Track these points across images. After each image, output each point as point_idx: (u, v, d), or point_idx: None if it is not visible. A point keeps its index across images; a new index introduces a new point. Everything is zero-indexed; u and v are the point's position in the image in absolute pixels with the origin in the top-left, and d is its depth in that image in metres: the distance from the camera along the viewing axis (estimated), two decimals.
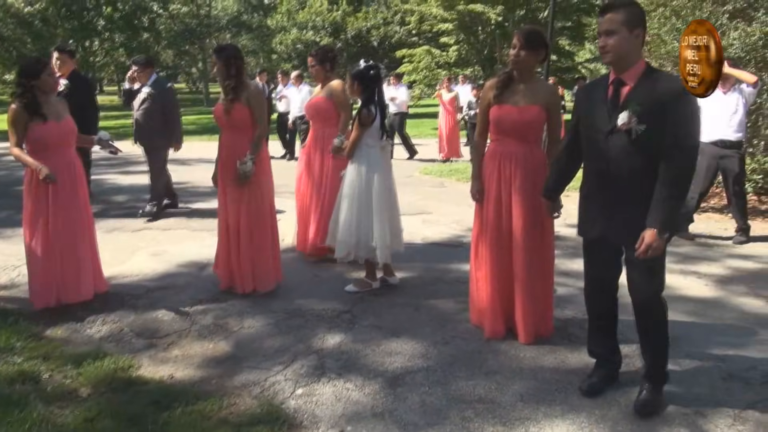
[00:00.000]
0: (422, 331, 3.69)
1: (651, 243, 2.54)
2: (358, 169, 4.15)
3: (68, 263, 3.95)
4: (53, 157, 3.86)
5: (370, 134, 4.13)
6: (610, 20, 2.57)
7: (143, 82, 6.33)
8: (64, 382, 3.08)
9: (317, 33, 27.42)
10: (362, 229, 4.12)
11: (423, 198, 7.84)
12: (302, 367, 3.26)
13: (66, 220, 3.92)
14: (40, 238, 3.89)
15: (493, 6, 18.70)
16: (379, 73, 4.19)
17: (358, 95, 4.18)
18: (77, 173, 4.03)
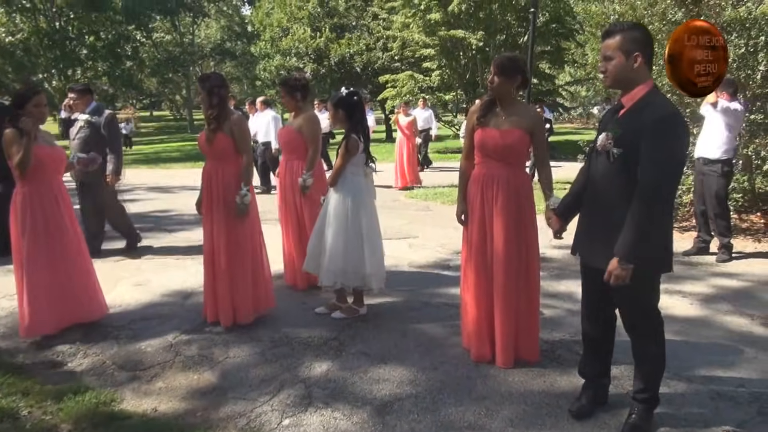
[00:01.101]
0: (410, 357, 3.66)
1: (612, 272, 2.56)
2: (343, 197, 4.13)
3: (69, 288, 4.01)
4: (46, 182, 3.94)
5: (354, 162, 4.14)
6: (606, 46, 2.64)
7: (81, 110, 5.85)
8: (44, 419, 3.00)
9: (300, 59, 27.56)
10: (350, 258, 4.10)
11: (409, 222, 7.85)
12: (289, 396, 3.21)
13: (63, 246, 3.97)
14: (36, 267, 3.86)
15: (474, 31, 18.99)
16: (361, 99, 4.22)
17: (343, 123, 4.18)
18: (68, 200, 4.09)
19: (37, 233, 3.87)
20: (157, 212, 8.75)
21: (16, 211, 3.88)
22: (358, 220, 4.11)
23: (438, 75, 20.93)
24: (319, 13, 27.76)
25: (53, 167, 3.98)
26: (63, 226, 3.97)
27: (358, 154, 4.12)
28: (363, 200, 4.15)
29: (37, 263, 3.87)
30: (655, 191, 2.51)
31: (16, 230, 3.89)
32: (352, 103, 4.14)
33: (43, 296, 3.88)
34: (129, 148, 24.90)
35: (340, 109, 4.14)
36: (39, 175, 3.89)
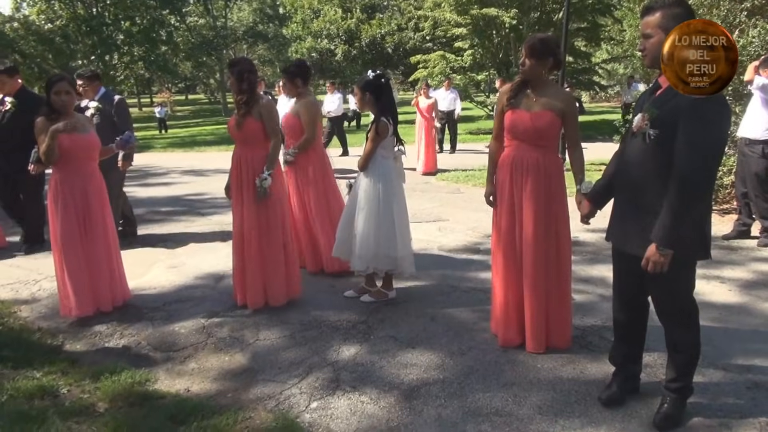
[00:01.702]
0: (438, 342, 3.66)
1: (650, 258, 2.49)
2: (374, 181, 4.11)
3: (94, 273, 4.09)
4: (77, 170, 4.01)
5: (384, 145, 4.12)
6: (646, 23, 2.54)
7: (90, 97, 5.68)
8: (82, 397, 3.10)
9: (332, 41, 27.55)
10: (382, 242, 4.09)
11: (439, 205, 7.81)
12: (317, 379, 3.24)
13: (91, 232, 4.04)
14: (71, 250, 3.98)
15: (507, 9, 18.61)
16: (388, 81, 4.18)
17: (371, 106, 4.15)
18: (100, 186, 4.15)
19: (68, 217, 3.97)
20: (191, 195, 8.90)
21: (51, 196, 4.01)
22: (389, 203, 4.10)
23: (470, 54, 20.63)
24: None
25: (84, 154, 4.04)
26: (90, 212, 4.04)
27: (388, 137, 4.09)
28: (393, 184, 4.13)
29: (69, 246, 3.98)
30: (692, 174, 2.42)
31: (51, 214, 4.02)
32: (379, 86, 4.10)
33: (75, 278, 3.99)
34: (164, 132, 25.36)
35: (367, 92, 4.12)
36: (68, 163, 3.98)
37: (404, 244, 4.15)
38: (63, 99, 3.95)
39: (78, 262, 4.00)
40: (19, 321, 4.14)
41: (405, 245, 4.16)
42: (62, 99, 3.95)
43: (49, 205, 4.03)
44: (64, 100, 3.96)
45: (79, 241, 4.00)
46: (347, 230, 4.24)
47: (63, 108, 3.97)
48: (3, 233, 6.14)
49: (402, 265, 4.19)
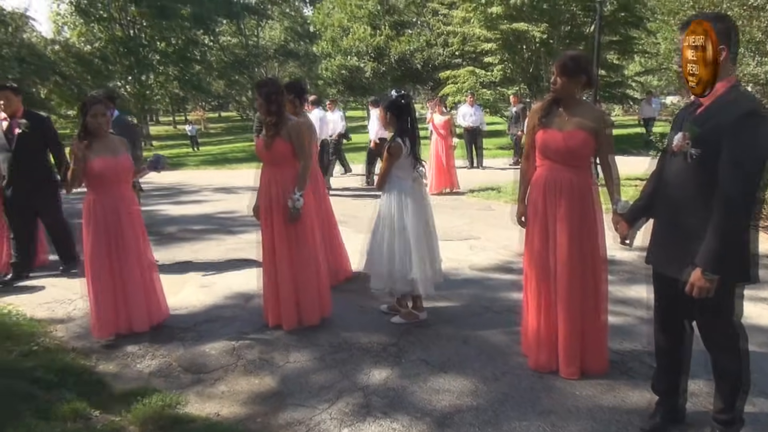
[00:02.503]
0: (471, 366, 3.56)
1: (695, 283, 2.37)
2: (389, 201, 4.11)
3: (127, 294, 4.12)
4: (109, 191, 4.07)
5: (400, 166, 4.08)
6: None
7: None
8: (113, 420, 3.10)
9: (361, 58, 27.77)
10: (396, 263, 4.05)
11: (470, 222, 7.71)
12: (348, 405, 3.18)
13: (122, 253, 4.08)
14: (99, 271, 4.04)
15: (537, 24, 18.50)
16: (410, 102, 4.16)
17: (392, 126, 4.13)
18: (132, 208, 4.20)
19: (98, 239, 4.03)
20: (223, 213, 8.99)
21: (84, 216, 4.08)
22: (403, 224, 4.06)
23: (500, 69, 20.54)
24: (379, 11, 27.84)
25: (113, 177, 4.08)
26: (121, 233, 4.08)
27: (402, 158, 4.05)
28: (409, 204, 4.08)
29: (99, 267, 4.04)
30: (738, 194, 2.31)
31: (84, 234, 4.08)
32: (399, 106, 4.07)
33: (104, 299, 4.05)
34: (197, 149, 25.84)
35: (389, 112, 4.10)
36: (99, 185, 4.06)
37: (422, 266, 4.07)
38: (99, 121, 4.03)
39: (103, 284, 4.04)
40: (54, 341, 4.18)
41: (423, 267, 4.09)
42: (98, 121, 4.03)
43: (83, 225, 4.10)
44: (99, 122, 4.04)
45: (107, 262, 4.04)
46: (371, 249, 4.26)
47: (98, 130, 4.05)
48: (46, 251, 6.28)
49: (417, 286, 4.11)
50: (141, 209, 4.48)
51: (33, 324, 4.48)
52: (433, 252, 4.22)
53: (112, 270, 4.06)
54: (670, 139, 2.66)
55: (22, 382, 3.42)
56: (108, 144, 4.10)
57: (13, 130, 5.36)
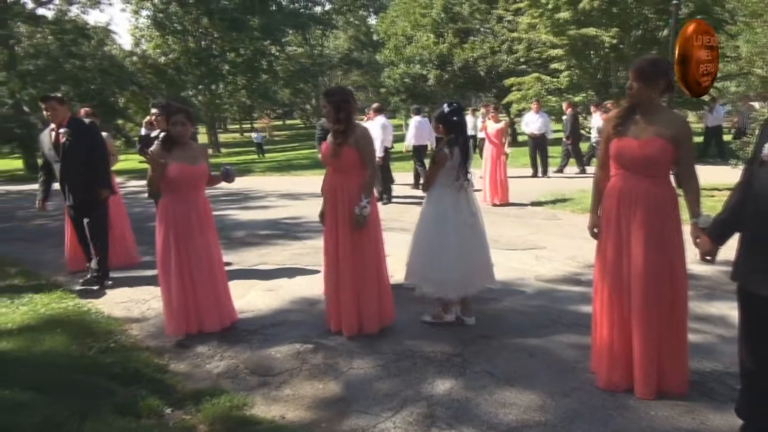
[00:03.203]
0: (539, 380, 3.46)
1: None
2: (428, 206, 4.33)
3: (197, 295, 4.27)
4: (182, 197, 4.23)
5: (445, 173, 4.22)
6: None
7: (162, 128, 5.54)
8: (184, 419, 3.20)
9: (424, 66, 27.74)
10: (427, 266, 4.22)
11: (535, 232, 7.53)
12: (411, 414, 3.15)
13: (193, 256, 4.23)
14: (170, 272, 4.22)
15: (607, 29, 17.96)
16: (462, 114, 4.34)
17: (443, 135, 4.33)
18: (204, 214, 4.34)
19: (168, 242, 4.21)
20: (288, 219, 9.17)
21: (157, 219, 4.28)
22: (438, 229, 4.21)
23: (567, 76, 20.06)
24: (443, 19, 27.73)
25: (188, 183, 4.25)
26: (192, 238, 4.23)
27: (448, 167, 4.19)
28: (446, 211, 4.22)
29: (168, 269, 4.22)
30: None
31: (157, 236, 4.28)
32: (451, 120, 4.26)
33: (174, 299, 4.22)
34: (262, 156, 26.56)
35: (440, 125, 4.30)
36: (174, 190, 4.23)
37: (455, 271, 4.18)
38: (179, 129, 4.21)
39: (173, 284, 4.21)
40: (130, 339, 4.37)
41: (457, 273, 4.18)
42: (177, 130, 4.21)
43: (156, 226, 4.29)
44: (179, 130, 4.21)
45: (177, 264, 4.20)
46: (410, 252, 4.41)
47: (178, 138, 4.22)
48: (136, 250, 6.59)
49: (447, 290, 4.23)
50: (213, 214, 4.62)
51: (110, 322, 4.70)
52: (481, 257, 4.33)
53: (181, 271, 4.22)
54: (759, 148, 2.50)
55: (102, 378, 3.59)
56: (187, 151, 4.27)
57: (60, 139, 5.43)
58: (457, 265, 4.18)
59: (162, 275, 4.27)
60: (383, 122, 10.32)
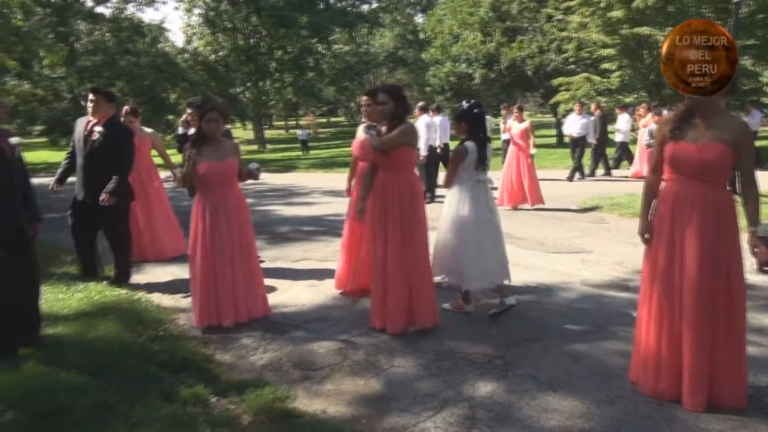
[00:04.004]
0: (583, 386, 3.39)
1: None
2: (452, 199, 4.48)
3: (223, 289, 4.38)
4: (212, 193, 4.38)
5: (465, 168, 4.41)
6: None
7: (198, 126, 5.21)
8: (229, 408, 3.27)
9: (470, 65, 27.53)
10: (451, 254, 4.39)
11: (581, 235, 7.38)
12: (452, 415, 3.14)
13: (218, 250, 4.35)
14: (199, 265, 4.39)
15: (662, 28, 17.43)
16: (482, 111, 4.54)
17: (465, 133, 4.48)
18: (237, 209, 4.45)
19: (196, 235, 4.39)
20: (331, 216, 9.24)
21: (192, 213, 4.45)
22: (461, 222, 4.37)
23: (618, 76, 19.57)
24: (491, 18, 27.46)
25: (217, 180, 4.37)
26: (221, 232, 4.35)
27: (468, 161, 4.38)
28: (468, 204, 4.40)
29: (195, 262, 4.39)
30: None
31: (191, 230, 4.46)
32: (472, 115, 4.46)
33: (201, 291, 4.38)
34: (307, 152, 26.87)
35: (462, 122, 4.46)
36: (203, 187, 4.38)
37: (477, 263, 4.35)
38: (211, 127, 4.34)
39: (201, 278, 4.36)
40: (177, 328, 4.50)
41: (474, 263, 4.35)
42: (210, 126, 4.34)
43: (191, 221, 4.47)
44: (211, 127, 4.34)
45: (201, 258, 4.36)
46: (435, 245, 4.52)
47: (210, 134, 4.35)
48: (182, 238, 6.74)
49: (470, 282, 4.43)
50: (258, 209, 4.72)
51: (160, 311, 4.85)
52: (497, 250, 4.48)
53: (206, 265, 4.35)
54: None
55: (151, 365, 3.71)
56: (217, 148, 4.38)
57: (92, 135, 5.27)
58: (478, 257, 4.35)
59: (190, 268, 4.46)
60: (428, 121, 10.26)
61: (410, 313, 4.21)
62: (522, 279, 5.41)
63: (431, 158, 10.24)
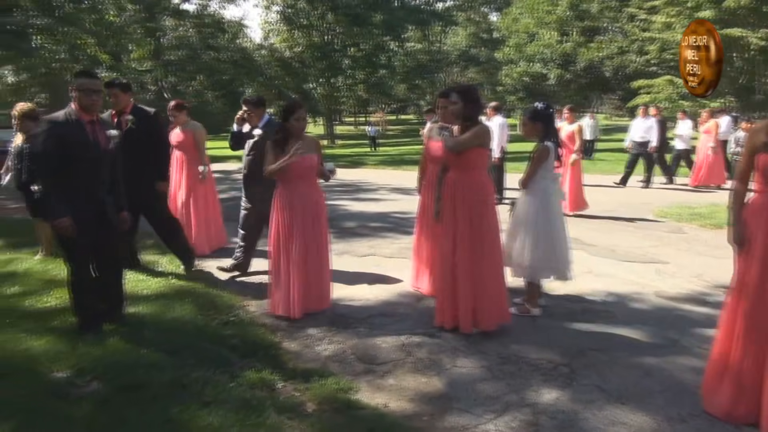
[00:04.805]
0: (653, 402, 3.27)
1: None
2: (532, 198, 4.50)
3: (296, 280, 4.50)
4: (293, 187, 4.54)
5: (545, 167, 4.49)
6: None
7: (254, 124, 5.46)
8: (294, 395, 3.37)
9: (545, 65, 26.94)
10: (538, 253, 4.43)
11: (657, 244, 7.08)
12: (514, 419, 3.11)
13: (301, 242, 4.49)
14: (274, 256, 4.57)
15: (754, 29, 16.42)
16: (553, 112, 4.71)
17: (538, 133, 4.55)
18: (314, 204, 4.59)
19: (276, 227, 4.56)
20: (398, 213, 9.30)
21: (273, 206, 4.62)
22: (546, 219, 4.45)
23: None
24: (569, 17, 26.74)
25: (298, 175, 4.52)
26: (297, 225, 4.49)
27: (549, 160, 4.48)
28: (551, 201, 4.51)
29: (275, 252, 4.57)
30: None
31: (270, 221, 4.64)
32: (548, 115, 4.60)
33: (279, 280, 4.55)
34: (375, 149, 27.09)
35: (538, 122, 4.55)
36: (284, 180, 4.56)
37: (558, 256, 4.50)
38: (301, 124, 4.52)
39: (278, 267, 4.55)
40: (248, 315, 4.67)
41: (559, 257, 4.51)
42: (300, 124, 4.52)
43: (272, 212, 4.63)
44: (301, 125, 4.54)
45: (282, 249, 4.53)
46: (510, 243, 4.56)
47: (298, 132, 4.51)
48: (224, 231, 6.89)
49: (559, 274, 4.58)
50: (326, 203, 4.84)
51: (232, 297, 5.04)
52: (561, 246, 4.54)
53: (283, 254, 4.51)
54: None
55: (223, 348, 3.88)
56: (299, 145, 4.47)
57: (122, 127, 5.14)
58: (564, 250, 4.54)
59: (271, 258, 4.62)
60: (501, 122, 10.10)
61: (475, 313, 4.19)
62: (592, 287, 5.27)
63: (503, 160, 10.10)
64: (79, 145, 3.77)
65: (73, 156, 3.75)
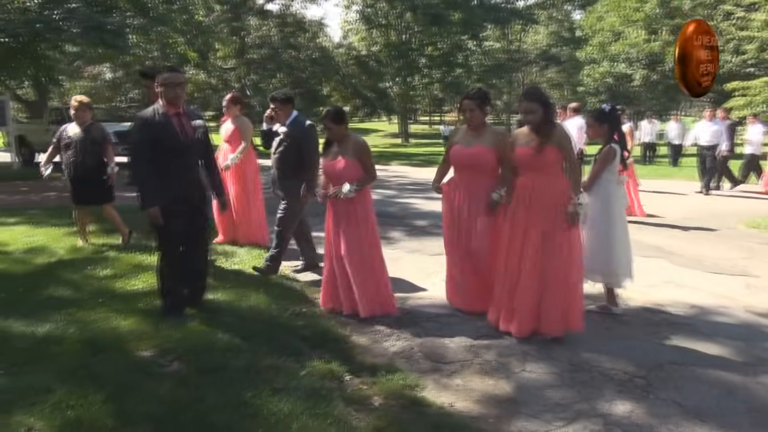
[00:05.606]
0: (737, 423, 3.09)
1: None
2: (595, 200, 4.50)
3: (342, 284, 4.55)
4: None
5: (609, 169, 4.52)
6: None
7: (282, 121, 5.38)
8: (361, 388, 3.43)
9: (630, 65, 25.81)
10: (600, 256, 4.46)
11: (747, 256, 6.65)
12: (585, 428, 3.02)
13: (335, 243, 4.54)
14: (328, 253, 4.64)
15: None
16: (619, 114, 4.77)
17: (604, 135, 4.60)
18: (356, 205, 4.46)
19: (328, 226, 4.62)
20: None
21: None
22: (609, 221, 4.49)
23: None
24: (658, 15, 25.49)
25: (329, 177, 4.55)
26: (340, 226, 4.48)
27: (615, 162, 4.52)
28: (614, 204, 4.54)
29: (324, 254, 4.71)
30: None
31: None
32: (616, 117, 4.64)
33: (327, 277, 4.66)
34: None
35: (605, 124, 4.58)
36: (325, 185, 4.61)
37: (619, 260, 4.51)
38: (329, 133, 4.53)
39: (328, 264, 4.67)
40: (318, 307, 4.77)
41: (621, 261, 4.52)
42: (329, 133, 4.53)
43: None
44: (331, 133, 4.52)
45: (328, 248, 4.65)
46: None
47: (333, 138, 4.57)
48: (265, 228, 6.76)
49: (618, 279, 4.57)
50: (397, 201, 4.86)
51: (304, 289, 5.19)
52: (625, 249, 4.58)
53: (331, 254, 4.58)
54: None
55: (294, 338, 4.00)
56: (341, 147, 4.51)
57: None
58: (622, 257, 4.53)
59: (326, 254, 4.69)
60: (580, 123, 9.77)
61: (538, 318, 4.09)
62: (673, 297, 5.03)
63: None
64: (168, 136, 4.00)
65: (163, 147, 3.97)
